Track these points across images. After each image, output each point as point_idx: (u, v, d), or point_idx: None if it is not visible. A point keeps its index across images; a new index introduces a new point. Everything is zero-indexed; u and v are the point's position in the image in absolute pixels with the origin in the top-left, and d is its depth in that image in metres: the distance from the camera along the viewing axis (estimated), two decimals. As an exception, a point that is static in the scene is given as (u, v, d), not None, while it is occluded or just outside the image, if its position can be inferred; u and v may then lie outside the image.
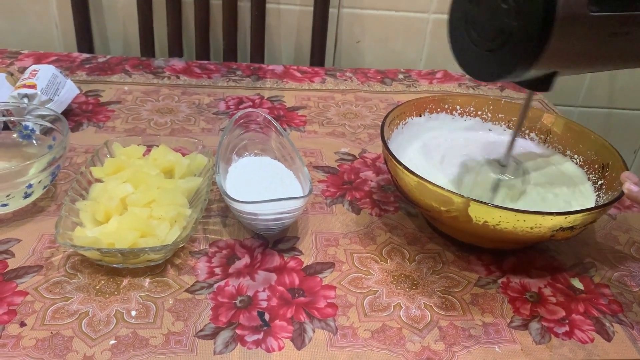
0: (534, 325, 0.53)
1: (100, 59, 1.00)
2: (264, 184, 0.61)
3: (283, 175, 0.64)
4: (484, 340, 0.51)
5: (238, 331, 0.49)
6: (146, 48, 1.10)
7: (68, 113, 0.80)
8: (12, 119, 0.68)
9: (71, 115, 0.81)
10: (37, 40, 1.12)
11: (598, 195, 0.62)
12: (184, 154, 0.66)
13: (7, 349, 0.46)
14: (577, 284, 0.58)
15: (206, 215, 0.63)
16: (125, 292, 0.52)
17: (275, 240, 0.60)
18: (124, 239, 0.52)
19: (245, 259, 0.57)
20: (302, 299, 0.53)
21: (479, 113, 0.74)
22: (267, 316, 0.51)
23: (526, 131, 0.73)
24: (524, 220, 0.52)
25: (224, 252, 0.58)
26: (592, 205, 0.61)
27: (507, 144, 0.60)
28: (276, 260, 0.58)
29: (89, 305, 0.50)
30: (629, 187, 0.51)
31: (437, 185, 0.53)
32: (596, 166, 0.65)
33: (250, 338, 0.49)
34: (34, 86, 0.73)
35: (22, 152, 0.67)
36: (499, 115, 0.73)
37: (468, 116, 0.74)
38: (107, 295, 0.52)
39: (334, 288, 0.55)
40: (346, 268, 0.57)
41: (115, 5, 1.10)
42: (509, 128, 0.73)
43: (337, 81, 1.01)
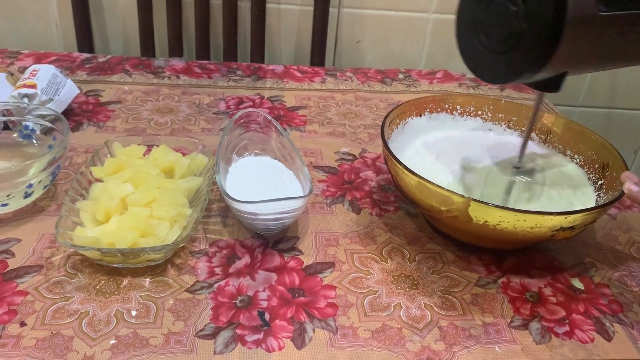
0: (534, 325, 0.53)
1: (101, 59, 1.00)
2: (264, 184, 0.61)
3: (283, 175, 0.64)
4: (484, 340, 0.51)
5: (238, 331, 0.49)
6: (146, 48, 1.10)
7: (68, 113, 0.80)
8: (13, 118, 0.68)
9: (71, 115, 0.81)
10: (37, 40, 1.12)
11: (598, 195, 0.62)
12: (184, 154, 0.66)
13: (8, 348, 0.46)
14: (578, 283, 0.58)
15: (206, 215, 0.63)
16: (125, 292, 0.52)
17: (276, 240, 0.60)
18: (124, 239, 0.52)
19: (246, 258, 0.57)
20: (303, 298, 0.53)
21: (479, 113, 0.74)
22: (268, 316, 0.51)
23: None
24: (524, 220, 0.52)
25: (224, 252, 0.58)
26: (593, 205, 0.61)
27: (520, 145, 0.60)
28: (276, 260, 0.58)
29: (89, 305, 0.50)
30: (629, 187, 0.51)
31: (438, 185, 0.53)
32: (596, 166, 0.65)
33: (250, 338, 0.49)
34: (34, 86, 0.73)
35: (23, 152, 0.67)
36: (499, 115, 0.74)
37: (468, 116, 0.74)
38: (108, 295, 0.52)
39: (334, 288, 0.55)
40: (346, 268, 0.57)
41: (115, 5, 1.10)
42: (509, 128, 0.73)
43: (337, 81, 1.01)
